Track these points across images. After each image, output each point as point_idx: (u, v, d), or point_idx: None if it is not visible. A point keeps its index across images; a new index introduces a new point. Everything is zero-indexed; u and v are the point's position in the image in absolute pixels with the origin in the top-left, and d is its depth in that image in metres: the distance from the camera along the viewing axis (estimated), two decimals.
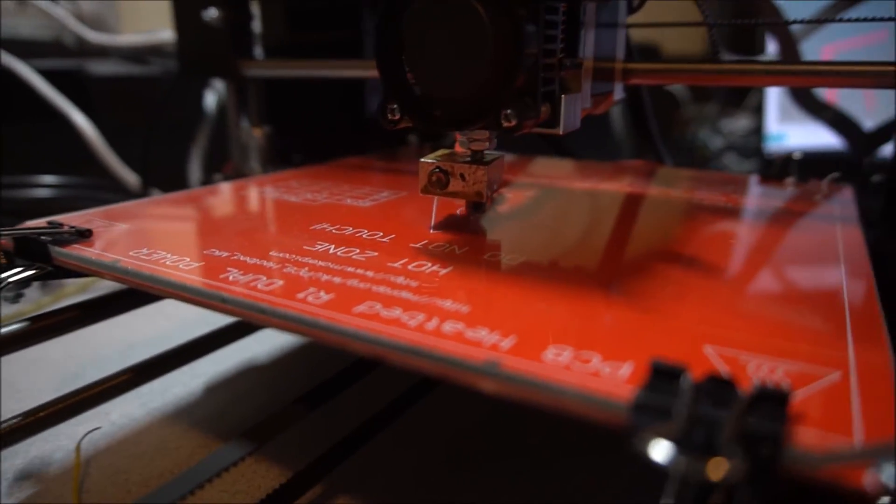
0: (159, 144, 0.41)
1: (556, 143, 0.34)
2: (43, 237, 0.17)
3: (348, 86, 0.35)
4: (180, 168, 0.45)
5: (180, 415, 0.21)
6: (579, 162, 0.32)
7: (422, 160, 0.18)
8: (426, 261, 0.16)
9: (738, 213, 0.22)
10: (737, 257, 0.17)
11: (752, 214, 0.22)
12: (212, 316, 0.15)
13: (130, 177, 0.44)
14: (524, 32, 0.15)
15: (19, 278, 0.16)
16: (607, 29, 0.20)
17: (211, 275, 0.15)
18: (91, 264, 0.16)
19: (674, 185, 0.26)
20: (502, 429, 0.20)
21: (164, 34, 0.45)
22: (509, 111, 0.15)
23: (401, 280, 0.14)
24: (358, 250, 0.16)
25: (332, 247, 0.17)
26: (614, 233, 0.20)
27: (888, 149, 0.31)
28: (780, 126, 0.57)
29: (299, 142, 0.36)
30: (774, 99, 0.57)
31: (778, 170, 0.27)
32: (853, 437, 0.09)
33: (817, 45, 0.53)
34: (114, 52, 0.49)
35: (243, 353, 0.25)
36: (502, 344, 0.11)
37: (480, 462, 0.19)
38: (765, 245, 0.19)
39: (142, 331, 0.27)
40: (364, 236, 0.18)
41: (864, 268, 0.16)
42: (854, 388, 0.10)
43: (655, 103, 0.31)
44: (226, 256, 0.16)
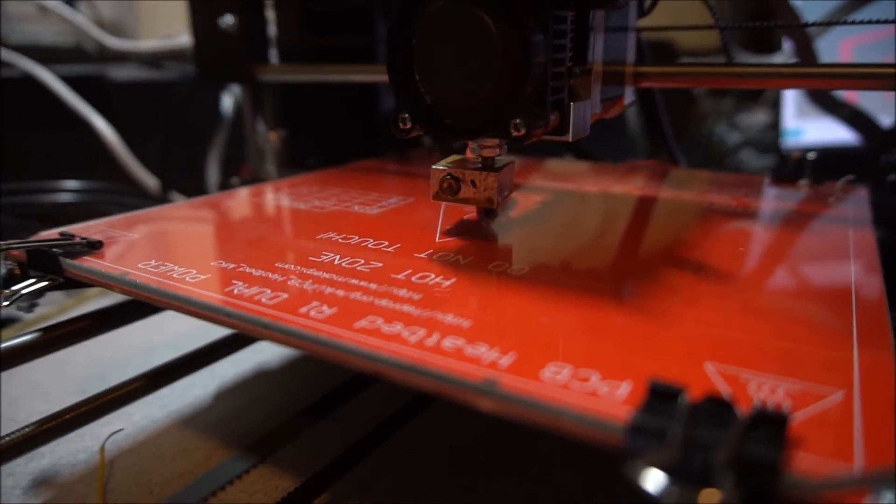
0: (178, 148, 0.42)
1: (571, 144, 0.34)
2: (54, 249, 0.17)
3: (362, 89, 0.36)
4: (198, 171, 0.46)
5: (199, 417, 0.22)
6: (591, 164, 0.32)
7: (433, 167, 0.18)
8: (430, 272, 0.16)
9: (748, 218, 0.22)
10: (744, 267, 0.17)
11: (763, 220, 0.22)
12: None
13: (150, 180, 0.44)
14: (532, 42, 0.15)
15: (32, 290, 0.17)
16: (617, 33, 0.20)
17: (216, 288, 0.15)
18: (100, 276, 0.16)
19: (685, 188, 0.26)
20: (509, 434, 0.21)
21: (182, 39, 0.46)
22: (519, 120, 0.15)
23: (403, 293, 0.14)
24: (363, 261, 0.17)
25: (338, 257, 0.17)
26: (622, 240, 0.20)
27: None
28: (798, 122, 0.56)
29: (314, 145, 0.36)
30: (791, 95, 0.56)
31: (792, 170, 0.27)
32: (853, 461, 0.09)
33: (834, 41, 0.52)
34: (133, 57, 0.49)
35: (259, 355, 0.26)
36: (501, 361, 0.11)
37: (486, 467, 0.19)
38: (774, 254, 0.19)
39: (162, 332, 0.28)
40: (370, 245, 0.18)
41: (874, 278, 0.16)
42: (857, 410, 0.10)
43: (671, 98, 0.31)
44: (232, 268, 0.16)
